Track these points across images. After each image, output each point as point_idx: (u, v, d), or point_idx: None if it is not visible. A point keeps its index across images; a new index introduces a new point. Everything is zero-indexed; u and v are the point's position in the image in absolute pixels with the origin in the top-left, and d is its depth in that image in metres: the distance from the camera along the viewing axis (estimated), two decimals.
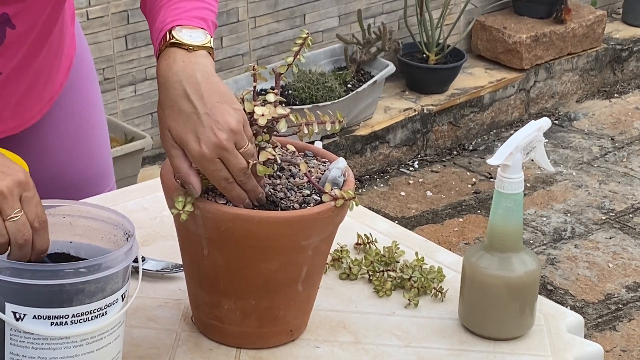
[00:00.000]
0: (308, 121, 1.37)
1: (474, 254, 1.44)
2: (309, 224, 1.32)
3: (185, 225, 1.33)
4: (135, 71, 3.46)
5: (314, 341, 1.42)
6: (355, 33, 3.93)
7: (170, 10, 1.40)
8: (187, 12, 1.40)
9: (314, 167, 1.40)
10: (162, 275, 1.53)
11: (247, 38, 3.73)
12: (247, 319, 1.37)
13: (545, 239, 3.47)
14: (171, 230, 1.47)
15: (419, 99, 3.98)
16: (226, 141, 1.27)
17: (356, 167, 3.76)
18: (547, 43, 4.25)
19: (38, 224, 1.24)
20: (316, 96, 3.58)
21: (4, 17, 1.43)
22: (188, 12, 1.40)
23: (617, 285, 3.24)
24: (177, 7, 1.40)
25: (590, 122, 4.30)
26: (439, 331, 1.45)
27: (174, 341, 1.40)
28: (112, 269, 1.21)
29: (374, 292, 1.53)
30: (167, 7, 1.41)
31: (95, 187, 1.76)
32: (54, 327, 1.19)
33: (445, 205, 3.67)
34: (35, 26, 1.51)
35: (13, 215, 1.22)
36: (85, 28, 3.27)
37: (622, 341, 3.00)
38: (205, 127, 1.28)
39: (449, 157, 4.00)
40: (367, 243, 1.62)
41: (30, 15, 1.48)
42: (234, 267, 1.34)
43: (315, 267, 1.38)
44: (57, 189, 1.67)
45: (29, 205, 1.24)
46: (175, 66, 1.33)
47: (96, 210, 1.32)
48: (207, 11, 1.43)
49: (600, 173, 3.90)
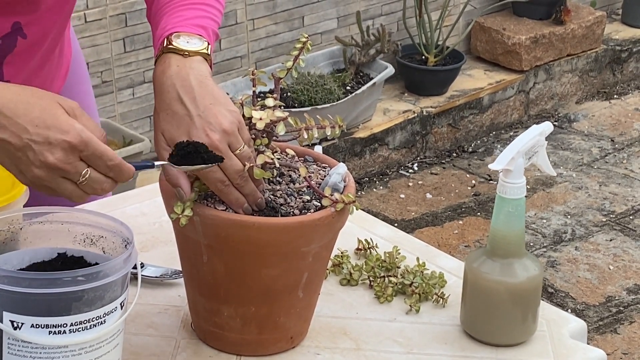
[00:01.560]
0: (308, 126, 1.36)
1: (475, 259, 1.42)
2: (309, 230, 1.31)
3: (184, 231, 1.32)
4: (134, 74, 3.45)
5: (314, 348, 1.41)
6: (354, 35, 3.92)
7: (172, 18, 1.41)
8: (188, 20, 1.40)
9: (314, 172, 1.39)
10: (162, 281, 1.52)
11: (246, 40, 3.72)
12: (247, 326, 1.36)
13: (546, 242, 3.46)
14: (170, 236, 1.46)
15: (418, 100, 3.98)
16: (219, 142, 1.27)
17: (355, 169, 3.75)
18: (546, 44, 4.25)
19: (112, 173, 1.23)
20: (315, 98, 3.57)
21: (16, 25, 1.44)
22: (188, 20, 1.40)
23: (617, 287, 3.23)
24: (178, 15, 1.41)
25: (590, 123, 4.29)
26: (440, 337, 1.44)
27: (173, 348, 1.39)
28: (111, 276, 1.20)
29: (374, 298, 1.52)
30: (169, 15, 1.42)
31: None
32: (52, 335, 1.18)
33: (445, 208, 3.66)
34: (46, 37, 1.52)
35: (81, 179, 1.21)
36: (83, 31, 3.26)
37: (624, 344, 2.99)
38: (198, 128, 1.28)
39: (448, 159, 3.99)
40: (367, 248, 1.61)
41: (42, 25, 1.49)
42: (233, 274, 1.33)
43: (315, 274, 1.37)
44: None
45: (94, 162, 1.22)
46: (169, 70, 1.34)
47: (94, 216, 1.30)
48: (208, 20, 1.43)
49: (600, 175, 3.89)
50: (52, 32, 1.53)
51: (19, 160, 1.21)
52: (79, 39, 3.28)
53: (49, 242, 1.30)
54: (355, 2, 3.98)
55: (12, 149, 1.20)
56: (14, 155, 1.20)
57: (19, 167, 1.21)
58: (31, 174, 1.21)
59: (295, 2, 3.81)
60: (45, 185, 1.22)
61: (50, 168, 1.20)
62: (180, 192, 1.29)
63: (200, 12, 1.43)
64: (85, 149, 1.21)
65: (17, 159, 1.20)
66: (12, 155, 1.21)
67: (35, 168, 1.20)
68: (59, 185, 1.22)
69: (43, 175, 1.20)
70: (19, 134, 1.20)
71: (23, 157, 1.20)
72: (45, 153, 1.19)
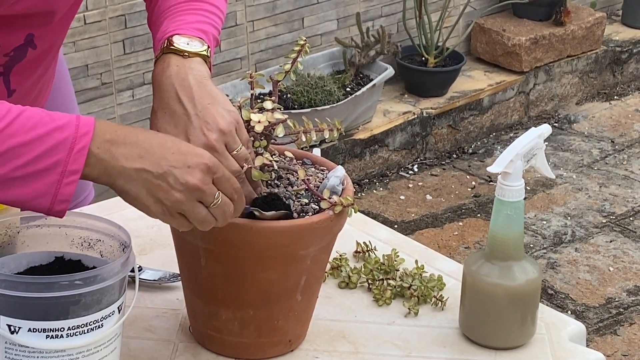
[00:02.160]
0: (306, 129, 1.36)
1: (474, 262, 1.42)
2: (308, 233, 1.31)
3: (182, 235, 1.32)
4: (133, 76, 3.45)
5: (313, 351, 1.41)
6: (354, 36, 3.92)
7: (173, 22, 1.41)
8: (189, 24, 1.41)
9: (312, 175, 1.39)
10: (160, 285, 1.52)
11: (246, 42, 3.72)
12: (245, 330, 1.36)
13: (546, 243, 3.46)
14: (168, 239, 1.46)
15: (418, 102, 3.97)
16: (216, 141, 1.27)
17: (355, 171, 3.75)
18: (546, 45, 4.24)
19: (236, 196, 1.25)
20: (315, 100, 3.56)
21: (29, 37, 1.44)
22: (189, 24, 1.41)
23: (617, 289, 3.23)
24: (180, 20, 1.42)
25: (590, 124, 4.29)
26: (439, 340, 1.44)
27: (171, 352, 1.39)
28: (108, 280, 1.19)
29: (373, 301, 1.51)
30: (171, 19, 1.42)
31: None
32: (50, 340, 1.18)
33: (445, 209, 3.65)
34: (54, 47, 1.53)
35: (214, 201, 1.23)
36: (82, 32, 3.26)
37: (623, 346, 2.98)
38: (195, 127, 1.28)
39: (448, 161, 3.99)
40: (366, 251, 1.61)
41: (51, 36, 1.49)
42: (232, 277, 1.33)
43: (314, 277, 1.37)
44: None
45: (223, 185, 1.24)
46: (168, 70, 1.34)
47: (92, 220, 1.30)
48: (209, 26, 1.43)
49: (601, 176, 3.88)
50: (59, 42, 1.54)
51: (157, 188, 1.21)
52: (78, 40, 3.28)
53: (46, 246, 1.30)
54: (355, 3, 3.98)
55: (151, 177, 1.21)
56: (153, 183, 1.21)
57: (157, 195, 1.21)
58: (172, 199, 1.21)
59: (295, 3, 3.81)
60: (178, 214, 1.23)
61: (190, 190, 1.22)
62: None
63: (202, 18, 1.43)
64: (217, 171, 1.23)
65: (156, 187, 1.21)
66: (151, 184, 1.21)
67: (176, 192, 1.21)
68: (194, 209, 1.23)
69: (183, 199, 1.22)
70: (158, 162, 1.21)
71: (163, 183, 1.21)
72: (186, 176, 1.21)
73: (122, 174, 1.20)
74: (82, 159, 1.18)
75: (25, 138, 1.17)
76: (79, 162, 1.18)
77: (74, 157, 1.18)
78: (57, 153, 1.18)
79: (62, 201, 1.19)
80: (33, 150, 1.18)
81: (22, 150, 1.17)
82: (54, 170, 1.18)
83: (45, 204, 1.19)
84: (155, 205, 1.22)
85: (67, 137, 1.18)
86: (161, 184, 1.21)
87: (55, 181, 1.18)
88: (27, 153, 1.17)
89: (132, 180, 1.21)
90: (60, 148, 1.18)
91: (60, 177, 1.18)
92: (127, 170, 1.20)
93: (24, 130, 1.18)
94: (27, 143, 1.17)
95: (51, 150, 1.18)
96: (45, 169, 1.18)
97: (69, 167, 1.18)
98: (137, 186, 1.21)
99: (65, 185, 1.19)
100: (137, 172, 1.21)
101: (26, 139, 1.17)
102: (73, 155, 1.18)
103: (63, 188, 1.19)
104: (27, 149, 1.17)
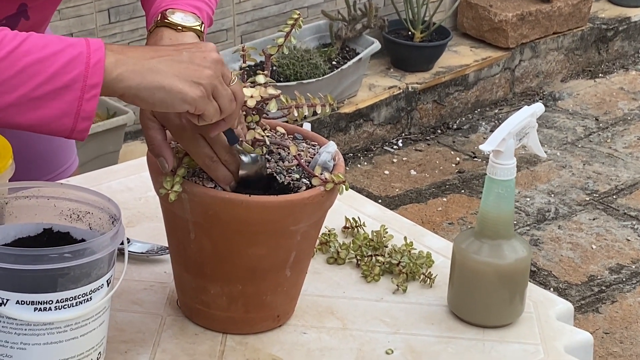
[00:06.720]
0: (298, 104, 1.35)
1: (464, 240, 1.42)
2: (298, 209, 1.30)
3: (171, 209, 1.31)
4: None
5: (301, 327, 1.40)
6: (341, 9, 3.90)
7: None
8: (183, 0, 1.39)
9: (304, 150, 1.38)
10: (147, 257, 1.51)
11: (232, 13, 3.69)
12: (233, 304, 1.35)
13: (529, 220, 3.46)
14: (156, 211, 1.45)
15: (403, 76, 3.96)
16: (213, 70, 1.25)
17: (340, 145, 3.74)
18: (532, 22, 4.23)
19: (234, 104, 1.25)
20: (301, 73, 3.55)
21: (22, 7, 1.43)
22: (184, 0, 1.39)
23: (600, 267, 3.24)
24: None
25: (574, 102, 4.29)
26: (427, 318, 1.43)
27: (159, 325, 1.38)
28: (98, 253, 1.18)
29: (361, 277, 1.51)
30: None
31: (56, 162, 1.75)
32: (38, 312, 1.17)
33: (429, 185, 3.65)
34: (44, 22, 1.52)
35: (233, 78, 1.24)
36: (67, 1, 3.22)
37: (605, 323, 3.00)
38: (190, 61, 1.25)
39: (433, 136, 3.98)
40: (355, 227, 1.60)
41: (45, 8, 1.48)
42: (221, 252, 1.32)
43: (303, 253, 1.36)
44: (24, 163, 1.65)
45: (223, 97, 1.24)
46: (161, 43, 1.33)
47: (81, 192, 1.29)
48: (203, 4, 1.43)
49: (584, 154, 3.89)
50: (49, 19, 1.53)
51: (187, 69, 1.20)
52: (63, 9, 3.25)
53: (34, 218, 1.28)
54: None
55: (176, 62, 1.21)
56: (181, 66, 1.21)
57: (191, 76, 1.20)
58: (205, 75, 1.21)
59: None
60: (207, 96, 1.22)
61: (216, 63, 1.22)
62: (163, 163, 1.27)
63: None
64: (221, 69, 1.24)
65: (185, 68, 1.20)
66: (180, 67, 1.21)
67: (205, 69, 1.21)
68: (222, 85, 1.23)
69: (213, 74, 1.21)
70: (174, 50, 1.22)
71: (191, 65, 1.21)
72: (205, 54, 1.22)
73: (148, 70, 1.19)
74: (100, 72, 1.17)
75: (40, 55, 1.16)
76: (97, 76, 1.17)
77: (92, 71, 1.17)
78: (75, 68, 1.17)
79: (85, 118, 1.18)
80: (49, 66, 1.16)
81: (39, 68, 1.16)
82: (74, 86, 1.17)
83: (68, 123, 1.18)
84: (192, 89, 1.20)
85: (81, 52, 1.17)
86: (189, 65, 1.21)
87: (76, 97, 1.17)
88: (44, 70, 1.16)
89: (159, 72, 1.19)
90: (76, 63, 1.17)
91: (81, 93, 1.17)
92: (151, 63, 1.19)
93: (37, 48, 1.16)
94: (42, 60, 1.16)
95: (68, 65, 1.17)
96: (65, 86, 1.17)
97: (88, 82, 1.17)
98: (167, 75, 1.20)
99: (86, 101, 1.17)
100: (160, 62, 1.20)
101: (41, 56, 1.16)
102: (91, 69, 1.17)
103: (85, 104, 1.17)
104: (44, 66, 1.16)
